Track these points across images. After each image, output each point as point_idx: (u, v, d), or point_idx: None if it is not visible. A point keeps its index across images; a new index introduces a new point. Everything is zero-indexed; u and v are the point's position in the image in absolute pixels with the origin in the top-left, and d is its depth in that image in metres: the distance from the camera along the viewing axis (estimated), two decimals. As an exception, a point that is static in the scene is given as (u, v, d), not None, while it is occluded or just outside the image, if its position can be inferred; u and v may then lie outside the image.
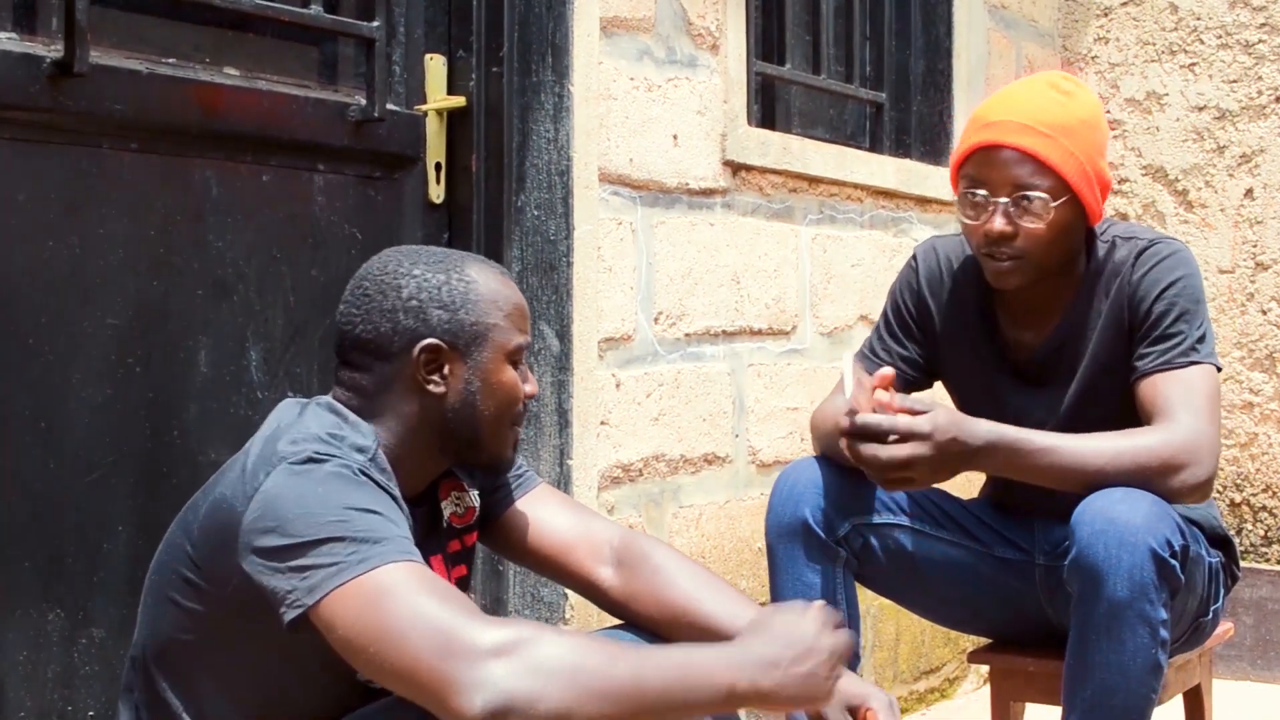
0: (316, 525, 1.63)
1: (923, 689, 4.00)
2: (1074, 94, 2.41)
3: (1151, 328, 2.37)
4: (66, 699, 2.23)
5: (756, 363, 3.40)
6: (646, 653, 1.65)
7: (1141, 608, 2.17)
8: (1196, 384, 2.33)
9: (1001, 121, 2.36)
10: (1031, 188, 2.33)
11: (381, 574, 1.60)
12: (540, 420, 2.85)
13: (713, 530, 3.26)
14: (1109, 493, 2.21)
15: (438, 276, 1.83)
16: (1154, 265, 2.40)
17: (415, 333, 1.81)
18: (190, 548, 1.75)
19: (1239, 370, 4.49)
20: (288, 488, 1.67)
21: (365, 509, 1.66)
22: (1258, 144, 4.49)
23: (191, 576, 1.74)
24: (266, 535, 1.65)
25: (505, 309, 1.86)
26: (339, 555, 1.61)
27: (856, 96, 4.04)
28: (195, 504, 1.79)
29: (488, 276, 1.86)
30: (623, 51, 3.01)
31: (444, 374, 1.82)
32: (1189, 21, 4.58)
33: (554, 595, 2.85)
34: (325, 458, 1.70)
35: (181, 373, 2.38)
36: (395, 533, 1.66)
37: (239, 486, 1.70)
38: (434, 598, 1.59)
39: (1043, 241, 2.35)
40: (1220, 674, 4.03)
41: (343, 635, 1.60)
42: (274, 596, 1.64)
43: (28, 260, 2.18)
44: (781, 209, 3.49)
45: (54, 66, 2.16)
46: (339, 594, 1.60)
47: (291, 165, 2.55)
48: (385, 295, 1.82)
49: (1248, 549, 4.48)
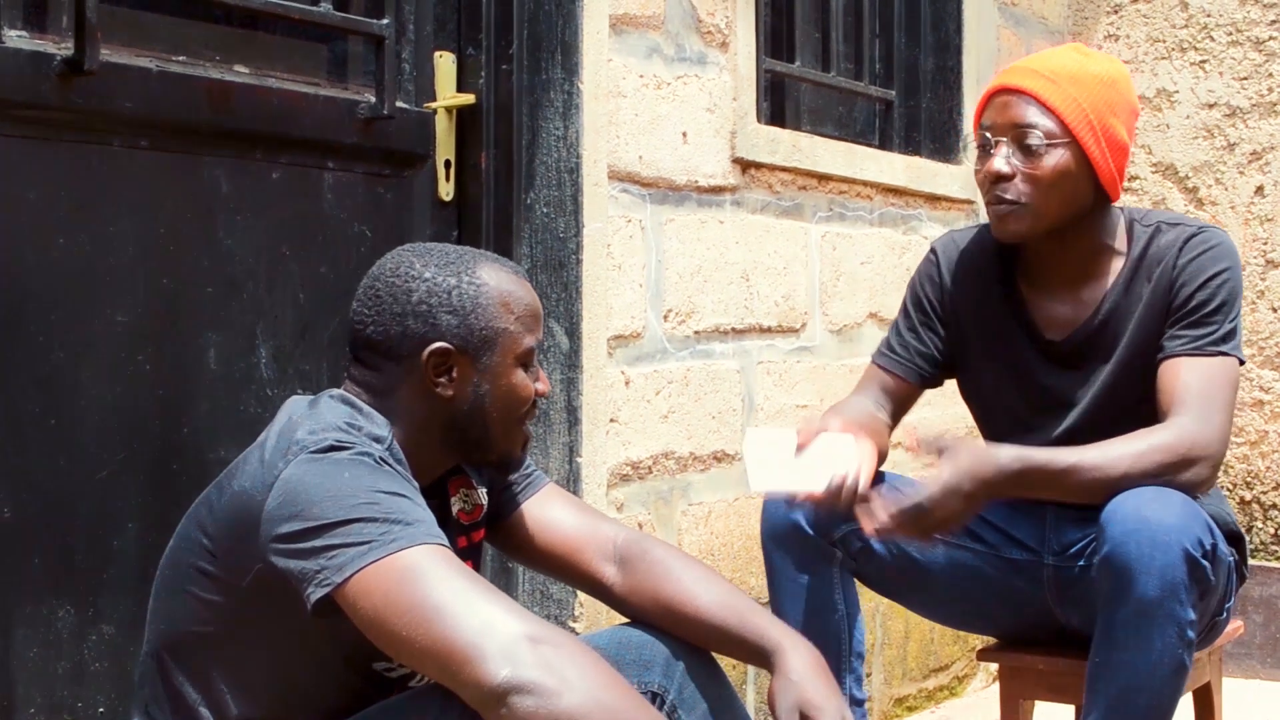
0: (344, 507, 1.63)
1: (932, 687, 3.99)
2: (1094, 56, 2.45)
3: (1189, 313, 2.38)
4: (76, 695, 2.23)
5: (766, 360, 3.40)
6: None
7: (1171, 608, 2.16)
8: (1217, 375, 2.34)
9: (1014, 69, 2.45)
10: (1030, 127, 2.37)
11: (413, 554, 1.61)
12: (550, 418, 2.85)
13: (722, 528, 3.26)
14: (1140, 491, 2.20)
15: (448, 280, 1.83)
16: (1201, 253, 2.41)
17: (424, 337, 1.81)
18: (207, 540, 1.75)
19: (1249, 368, 4.48)
20: (311, 474, 1.67)
21: (393, 492, 1.66)
22: (1268, 141, 4.48)
23: (209, 568, 1.74)
24: (290, 521, 1.64)
25: (516, 311, 1.85)
26: (369, 534, 1.61)
27: (866, 94, 4.04)
28: (208, 499, 1.79)
29: (500, 278, 1.86)
30: (632, 49, 3.01)
31: (452, 377, 1.82)
32: (1199, 18, 4.57)
33: (563, 593, 2.85)
34: (346, 445, 1.70)
35: (191, 370, 2.38)
36: (425, 516, 1.67)
37: (258, 476, 1.70)
38: (469, 581, 1.60)
39: (1040, 185, 2.37)
40: (1230, 672, 4.03)
41: (371, 612, 1.59)
42: (300, 578, 1.63)
43: (38, 258, 2.18)
44: (791, 206, 3.49)
45: (64, 64, 2.16)
46: (369, 571, 1.60)
47: (301, 163, 2.55)
48: (395, 298, 1.82)
49: (1258, 547, 4.47)
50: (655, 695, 1.96)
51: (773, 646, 1.95)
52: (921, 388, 2.59)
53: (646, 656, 1.96)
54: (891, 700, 3.82)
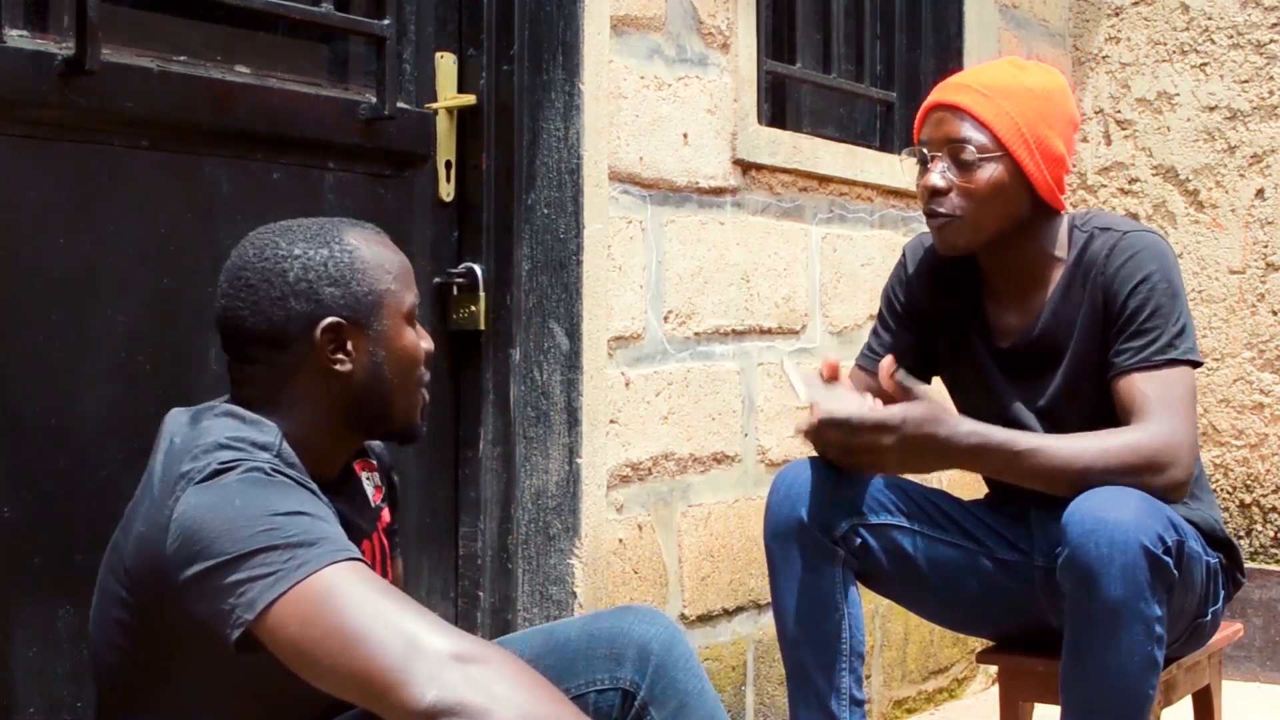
0: (242, 539, 1.57)
1: (931, 689, 3.99)
2: (1029, 69, 2.47)
3: (1127, 323, 2.38)
4: (76, 695, 2.23)
5: (766, 362, 3.40)
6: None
7: (1137, 606, 2.17)
8: (1174, 384, 2.35)
9: (948, 84, 2.48)
10: (962, 141, 2.40)
11: (325, 576, 1.55)
12: (550, 419, 2.85)
13: (721, 529, 3.26)
14: (1098, 492, 2.22)
15: (320, 252, 1.77)
16: (1127, 259, 2.41)
17: (311, 315, 1.75)
18: (125, 593, 1.70)
19: (1249, 371, 4.48)
20: (202, 507, 1.60)
21: (291, 512, 1.60)
22: (1269, 144, 4.48)
23: (128, 620, 1.69)
24: (191, 563, 1.58)
25: (393, 271, 1.81)
26: (275, 564, 1.55)
27: (867, 95, 4.04)
28: (117, 545, 1.74)
29: (368, 241, 1.81)
30: (633, 50, 3.01)
31: (348, 350, 1.77)
32: (1200, 21, 4.57)
33: (563, 594, 2.85)
34: (231, 465, 1.64)
35: (192, 370, 2.38)
36: (329, 531, 1.61)
37: (152, 518, 1.64)
38: (386, 598, 1.54)
39: (975, 198, 2.40)
40: (1230, 675, 4.02)
41: (289, 644, 1.54)
42: (216, 621, 1.57)
43: (38, 257, 2.18)
44: (791, 208, 3.49)
45: (65, 64, 2.16)
46: (282, 603, 1.54)
47: (302, 163, 2.55)
48: (271, 282, 1.76)
49: (1258, 550, 4.47)
50: (625, 692, 1.90)
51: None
52: None
53: (618, 649, 1.90)
54: (890, 702, 3.82)
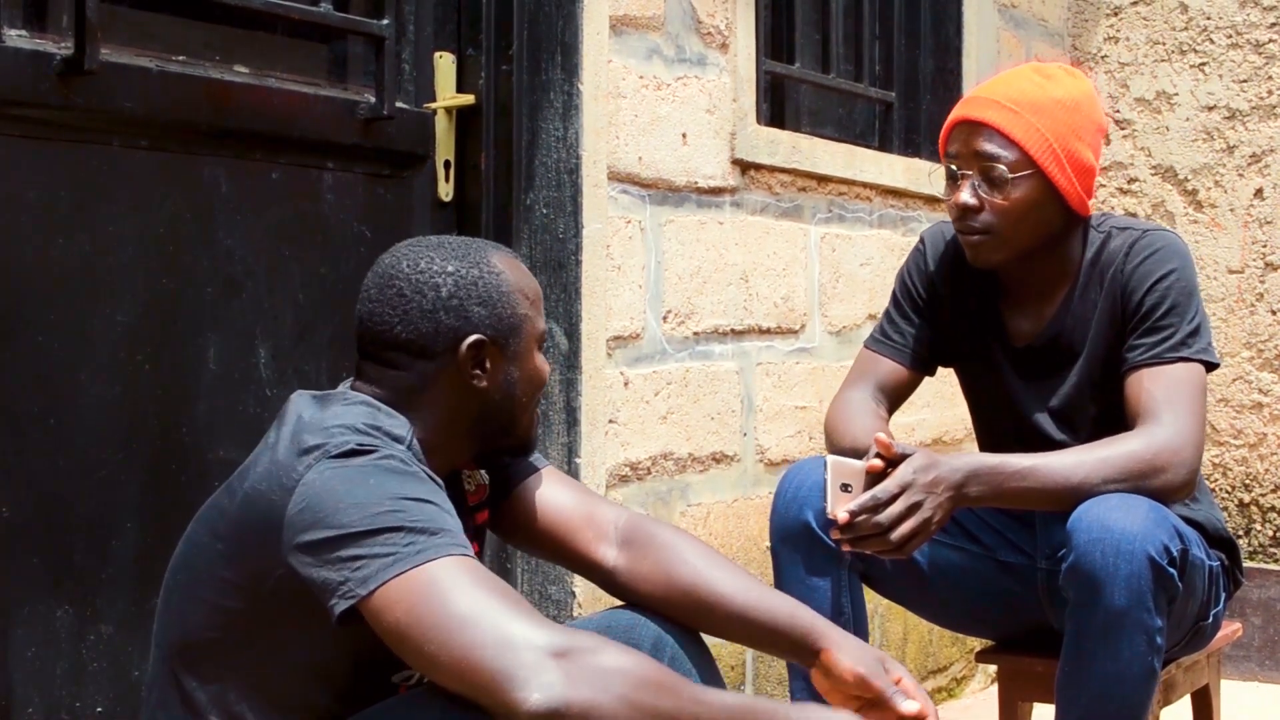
0: (370, 516, 1.62)
1: (930, 689, 3.99)
2: (1055, 77, 2.44)
3: (1142, 320, 2.38)
4: (75, 695, 2.23)
5: (765, 361, 3.40)
6: (709, 691, 1.65)
7: (1139, 616, 2.16)
8: (1182, 381, 2.34)
9: (975, 98, 2.44)
10: (994, 160, 2.37)
11: (439, 566, 1.59)
12: (549, 418, 2.85)
13: (721, 529, 3.26)
14: (1105, 499, 2.21)
15: (471, 272, 1.83)
16: (1147, 257, 2.41)
17: (458, 331, 1.81)
18: (221, 544, 1.73)
19: (1248, 370, 4.48)
20: (334, 480, 1.65)
21: (419, 498, 1.65)
22: (1268, 144, 4.49)
23: (226, 574, 1.72)
24: (313, 529, 1.63)
25: (530, 297, 1.89)
26: (395, 545, 1.60)
27: (866, 95, 4.04)
28: (218, 503, 1.77)
29: (511, 266, 1.88)
30: (632, 50, 3.01)
31: (486, 368, 1.84)
32: (1199, 21, 4.57)
33: (562, 593, 2.85)
34: (369, 449, 1.69)
35: (191, 370, 2.38)
36: (451, 525, 1.66)
37: (274, 478, 1.68)
38: (494, 594, 1.59)
39: (1009, 216, 2.38)
40: (1228, 674, 4.02)
41: (393, 625, 1.58)
42: (323, 589, 1.61)
43: (37, 257, 2.18)
44: (790, 208, 3.49)
45: (64, 64, 2.16)
46: (394, 584, 1.58)
47: (301, 163, 2.55)
48: (423, 295, 1.81)
49: (1256, 549, 4.47)
50: None
51: (818, 634, 1.95)
52: (918, 373, 2.59)
53: (634, 639, 1.93)
54: (890, 702, 3.81)
